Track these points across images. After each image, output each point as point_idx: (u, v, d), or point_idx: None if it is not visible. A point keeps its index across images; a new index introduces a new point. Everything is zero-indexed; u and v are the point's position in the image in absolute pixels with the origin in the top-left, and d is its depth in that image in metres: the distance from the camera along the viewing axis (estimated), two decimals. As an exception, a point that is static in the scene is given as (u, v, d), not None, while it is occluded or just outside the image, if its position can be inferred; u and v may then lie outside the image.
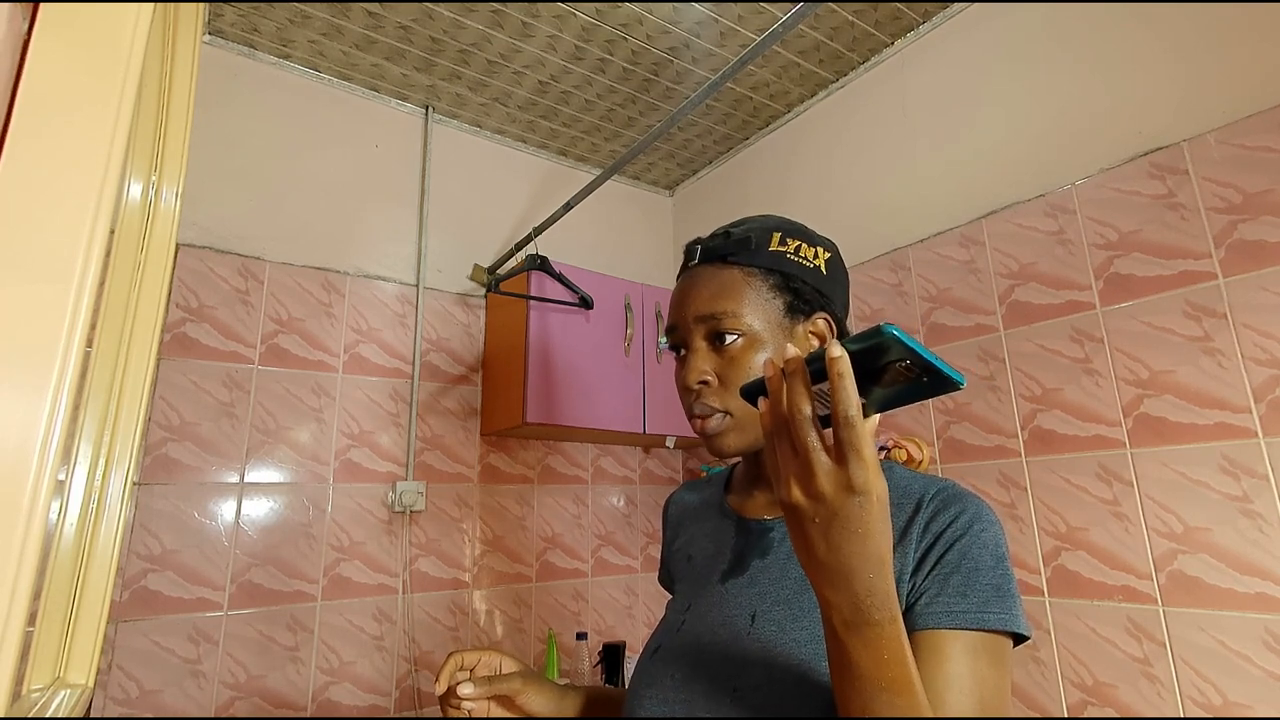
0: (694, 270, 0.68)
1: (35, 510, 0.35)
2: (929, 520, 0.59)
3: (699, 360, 0.64)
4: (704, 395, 0.64)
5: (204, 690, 1.53)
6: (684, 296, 0.67)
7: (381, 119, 2.09)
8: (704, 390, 0.64)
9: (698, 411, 0.64)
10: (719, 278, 0.65)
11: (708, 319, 0.64)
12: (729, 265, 0.66)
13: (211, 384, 1.67)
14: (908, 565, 0.57)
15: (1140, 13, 1.38)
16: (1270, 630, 1.10)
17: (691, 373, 0.64)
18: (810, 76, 2.04)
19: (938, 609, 0.54)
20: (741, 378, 0.62)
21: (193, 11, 1.12)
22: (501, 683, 0.69)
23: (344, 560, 1.76)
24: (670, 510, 0.86)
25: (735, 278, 0.65)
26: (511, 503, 2.08)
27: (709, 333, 0.65)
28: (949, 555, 0.56)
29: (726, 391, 0.63)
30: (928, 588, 0.56)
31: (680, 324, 0.67)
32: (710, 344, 0.65)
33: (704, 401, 0.64)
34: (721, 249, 0.66)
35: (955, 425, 1.59)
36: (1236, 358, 1.19)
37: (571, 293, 1.99)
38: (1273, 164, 1.18)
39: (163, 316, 1.13)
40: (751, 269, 0.65)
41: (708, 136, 2.37)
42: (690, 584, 0.72)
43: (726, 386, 0.63)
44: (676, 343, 0.68)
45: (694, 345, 0.65)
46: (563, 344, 1.95)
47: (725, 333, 0.63)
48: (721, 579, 0.68)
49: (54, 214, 0.39)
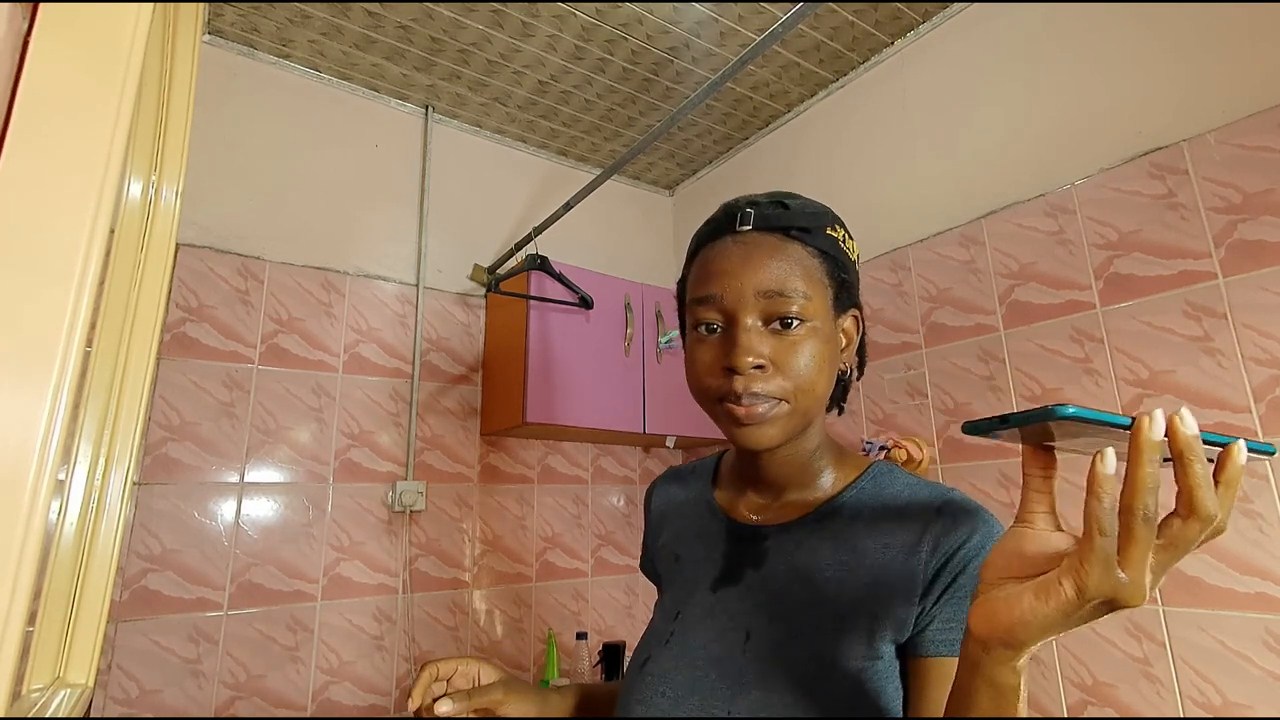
0: (748, 237, 0.59)
1: (35, 510, 0.35)
2: (939, 538, 0.56)
3: (755, 339, 0.56)
4: (756, 380, 0.56)
5: (204, 690, 1.53)
6: (741, 265, 0.58)
7: (381, 119, 2.09)
8: (757, 375, 0.56)
9: (745, 400, 0.56)
10: (785, 252, 0.58)
11: (774, 296, 0.56)
12: (792, 239, 0.59)
13: (211, 384, 1.67)
14: (917, 586, 0.55)
15: (1140, 13, 1.38)
16: (1270, 630, 1.10)
17: (746, 352, 0.55)
18: (810, 76, 2.04)
19: (950, 637, 0.52)
20: (801, 366, 0.56)
21: (193, 11, 1.12)
22: (481, 695, 0.64)
23: (344, 560, 1.76)
24: (654, 502, 0.81)
25: (800, 255, 0.58)
26: (511, 503, 2.08)
27: (768, 311, 0.57)
28: (961, 579, 0.54)
29: (782, 378, 0.56)
30: (939, 612, 0.53)
31: (729, 295, 0.57)
32: (765, 324, 0.57)
33: (757, 388, 0.56)
34: (784, 220, 0.59)
35: (955, 425, 1.59)
36: (1236, 358, 1.19)
37: (571, 293, 1.99)
38: (1273, 164, 1.18)
39: (163, 316, 1.13)
40: (813, 249, 0.59)
41: (708, 136, 2.37)
42: (679, 588, 0.68)
43: (784, 372, 0.56)
44: (713, 318, 0.59)
45: (745, 322, 0.57)
46: (563, 344, 1.95)
47: (788, 316, 0.56)
48: (712, 587, 0.64)
49: (54, 214, 0.39)
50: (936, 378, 1.65)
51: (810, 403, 0.58)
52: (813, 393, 0.57)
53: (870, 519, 0.60)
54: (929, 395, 1.65)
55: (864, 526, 0.59)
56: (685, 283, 0.65)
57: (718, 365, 0.58)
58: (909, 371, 1.71)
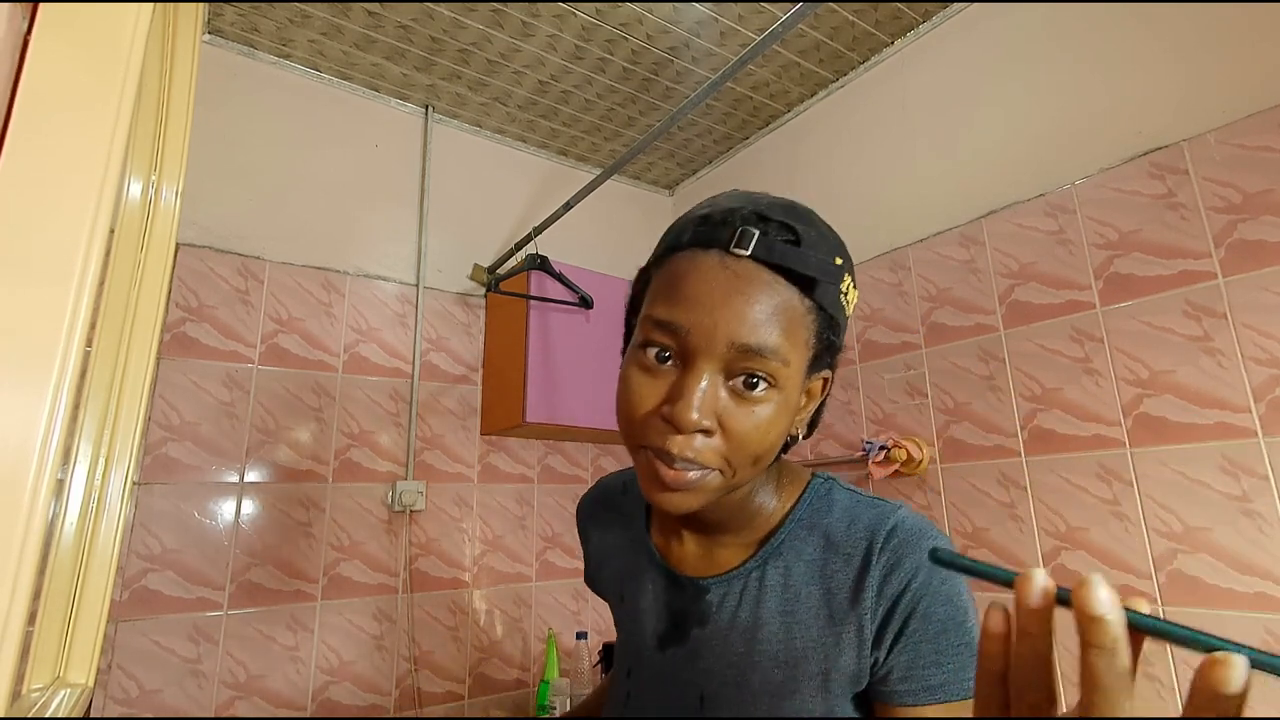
0: (742, 266, 0.48)
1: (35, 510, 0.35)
2: (882, 582, 0.51)
3: (709, 399, 0.47)
4: (694, 446, 0.47)
5: (204, 690, 1.53)
6: (721, 300, 0.47)
7: (381, 119, 2.09)
8: (698, 438, 0.48)
9: (678, 464, 0.47)
10: (779, 297, 0.48)
11: (748, 351, 0.47)
12: (791, 285, 0.48)
13: (211, 384, 1.67)
14: (867, 635, 0.51)
15: (1140, 13, 1.38)
16: (1270, 630, 1.10)
17: (695, 408, 0.46)
18: (810, 76, 2.04)
19: (914, 686, 0.50)
20: (751, 440, 0.48)
21: (193, 11, 1.12)
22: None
23: (344, 560, 1.76)
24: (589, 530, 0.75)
25: (796, 308, 0.48)
26: (511, 503, 2.08)
27: (734, 367, 0.48)
28: (911, 623, 0.50)
29: (725, 446, 0.48)
30: (895, 661, 0.50)
31: (697, 333, 0.47)
32: (725, 378, 0.48)
33: (693, 453, 0.47)
34: (792, 260, 0.48)
35: (955, 425, 1.59)
36: (1236, 357, 1.19)
37: (571, 292, 1.99)
38: (1273, 164, 1.18)
39: (163, 316, 1.13)
40: (812, 303, 0.49)
41: (708, 136, 2.37)
42: (628, 636, 0.66)
43: (731, 442, 0.48)
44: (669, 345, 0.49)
45: (702, 370, 0.47)
46: (563, 344, 1.95)
47: (759, 378, 0.48)
48: (660, 645, 0.61)
49: (54, 214, 0.39)
50: (936, 378, 1.65)
51: (747, 475, 0.50)
52: (755, 465, 0.50)
53: (811, 558, 0.55)
54: (929, 395, 1.65)
55: (805, 568, 0.55)
56: (648, 281, 0.54)
57: (656, 406, 0.49)
58: (909, 371, 1.71)
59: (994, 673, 0.29)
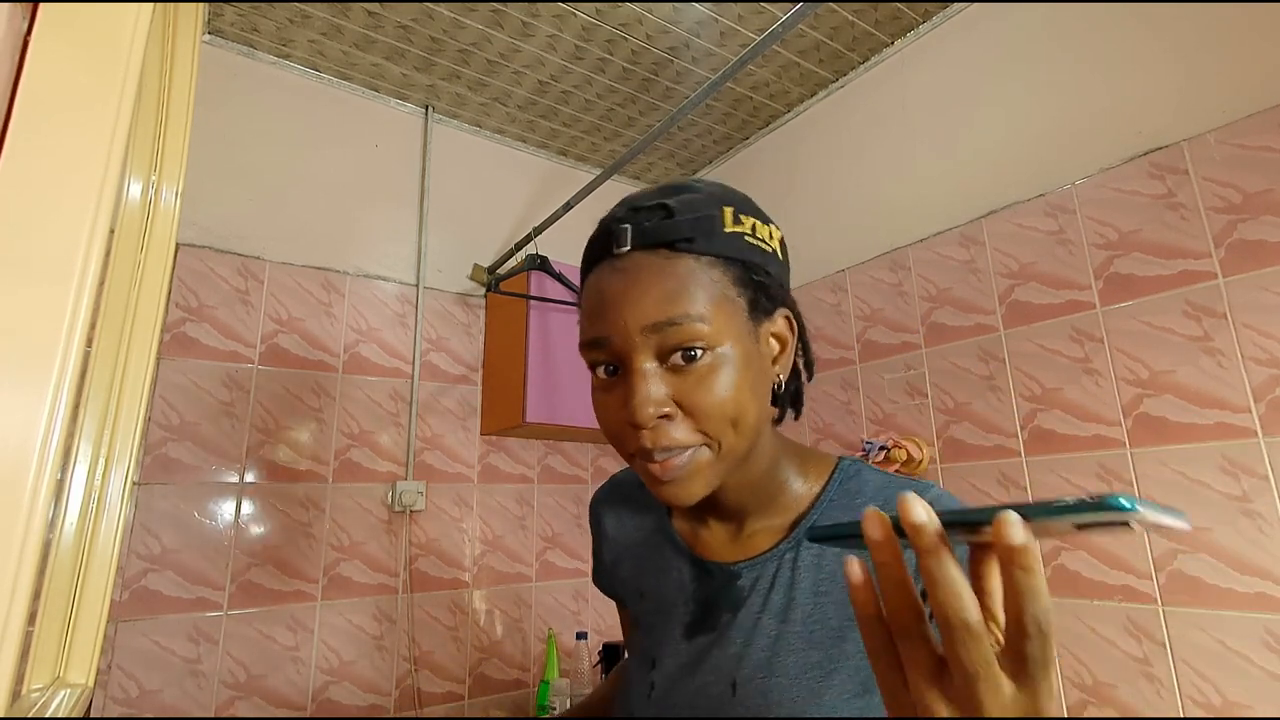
0: (627, 260, 0.51)
1: (35, 510, 0.35)
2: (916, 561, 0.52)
3: (651, 385, 0.48)
4: (664, 431, 0.49)
5: (204, 690, 1.52)
6: (621, 298, 0.50)
7: (381, 119, 2.09)
8: (663, 425, 0.49)
9: (659, 455, 0.49)
10: (669, 271, 0.49)
11: (661, 328, 0.48)
12: (678, 253, 0.50)
13: (211, 384, 1.67)
14: None
15: (1140, 12, 1.38)
16: (1270, 630, 1.10)
17: (645, 403, 0.48)
18: (810, 76, 2.04)
19: None
20: (714, 405, 0.49)
21: (193, 11, 1.12)
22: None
23: (344, 560, 1.76)
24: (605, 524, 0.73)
25: (692, 270, 0.49)
26: (511, 503, 2.08)
27: (662, 347, 0.49)
28: None
29: (695, 421, 0.49)
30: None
31: (615, 336, 0.50)
32: (661, 362, 0.50)
33: (667, 440, 0.49)
34: (667, 231, 0.50)
35: (955, 425, 1.59)
36: (1236, 358, 1.19)
37: (571, 292, 1.99)
38: (1273, 164, 1.18)
39: (163, 316, 1.13)
40: (709, 258, 0.50)
41: (707, 136, 2.37)
42: (649, 633, 0.63)
43: (695, 416, 0.49)
44: (605, 360, 0.52)
45: (637, 365, 0.49)
46: (563, 344, 1.95)
47: (687, 347, 0.48)
48: (686, 633, 0.59)
49: (54, 214, 0.39)
50: (936, 378, 1.65)
51: (736, 439, 0.50)
52: (737, 427, 0.50)
53: None
54: (929, 395, 1.65)
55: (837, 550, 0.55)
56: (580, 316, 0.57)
57: (621, 417, 0.50)
58: (909, 371, 1.71)
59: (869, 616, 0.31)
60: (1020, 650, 0.28)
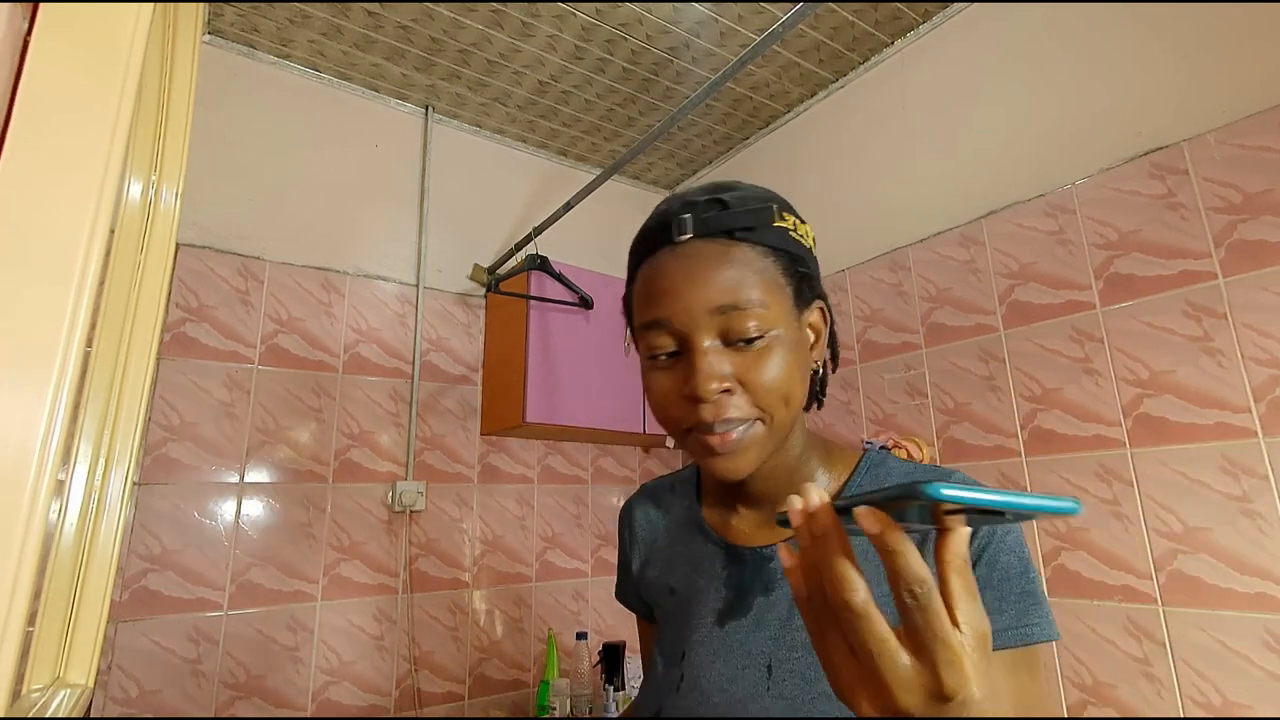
0: (689, 247, 0.54)
1: (35, 510, 0.35)
2: None
3: (715, 362, 0.51)
4: (725, 405, 0.52)
5: (204, 690, 1.52)
6: (686, 282, 0.53)
7: (381, 119, 2.09)
8: (724, 399, 0.52)
9: (719, 428, 0.52)
10: (734, 257, 0.53)
11: (726, 310, 0.51)
12: (737, 242, 0.54)
13: (211, 384, 1.67)
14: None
15: (1140, 12, 1.38)
16: (1270, 630, 1.10)
17: (709, 378, 0.51)
18: (810, 76, 2.04)
19: None
20: (770, 382, 0.52)
21: (193, 11, 1.12)
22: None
23: (344, 560, 1.76)
24: (637, 526, 0.74)
25: (750, 259, 0.53)
26: (511, 503, 2.08)
27: (725, 328, 0.52)
28: (978, 569, 0.51)
29: (755, 398, 0.52)
30: None
31: (679, 317, 0.53)
32: (723, 341, 0.53)
33: (727, 413, 0.52)
34: (726, 221, 0.54)
35: (955, 425, 1.59)
36: (1236, 358, 1.19)
37: (571, 293, 1.99)
38: (1273, 164, 1.18)
39: (163, 316, 1.13)
40: (763, 248, 0.54)
41: (708, 136, 2.37)
42: (678, 625, 0.62)
43: (755, 393, 0.52)
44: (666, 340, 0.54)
45: (700, 344, 0.52)
46: (563, 344, 1.95)
47: (748, 328, 0.51)
48: (719, 620, 0.58)
49: (54, 214, 0.39)
50: (936, 378, 1.65)
51: (785, 417, 0.54)
52: (787, 406, 0.53)
53: None
54: (929, 395, 1.65)
55: None
56: (630, 302, 0.60)
57: (680, 394, 0.53)
58: (909, 371, 1.71)
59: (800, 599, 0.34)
60: (909, 623, 0.30)
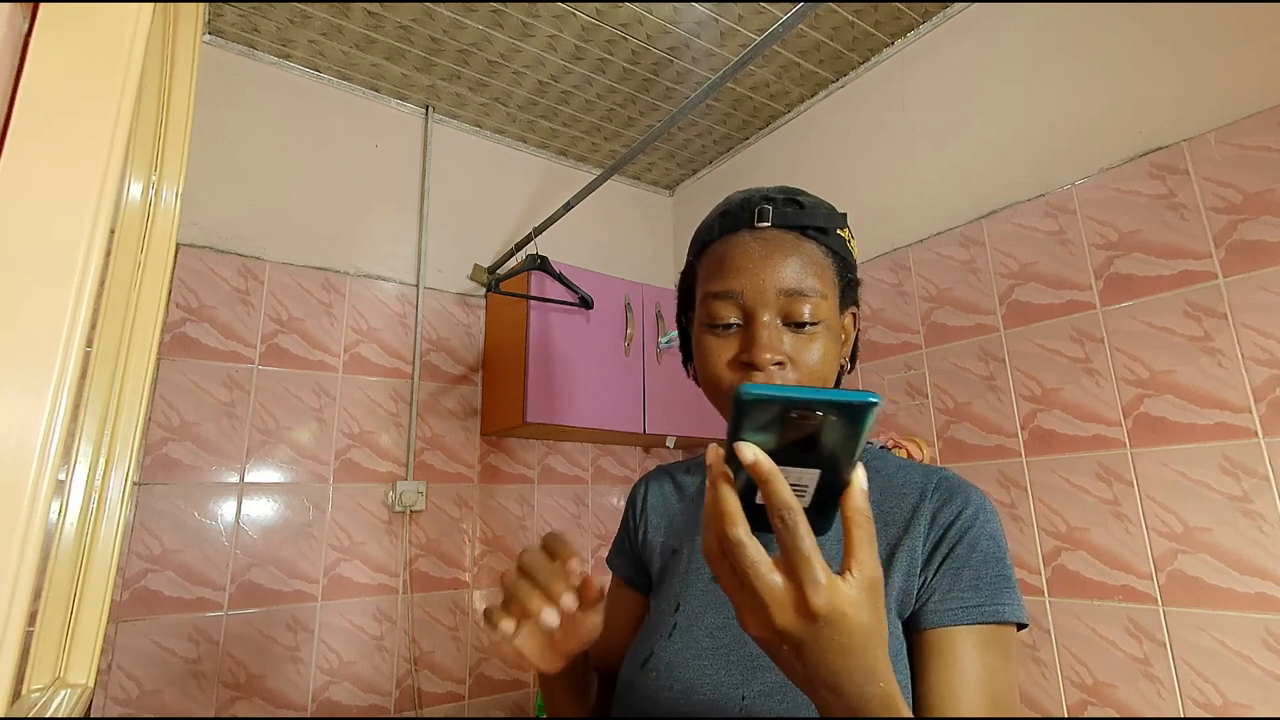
0: (768, 234, 0.60)
1: (35, 510, 0.35)
2: (935, 512, 0.58)
3: (775, 336, 0.57)
4: (775, 375, 0.57)
5: (204, 690, 1.52)
6: (764, 263, 0.58)
7: (381, 119, 2.09)
8: (775, 371, 0.57)
9: None
10: (804, 250, 0.59)
11: (794, 295, 0.57)
12: (809, 239, 0.60)
13: (211, 384, 1.67)
14: (917, 559, 0.56)
15: (1140, 12, 1.38)
16: (1270, 630, 1.10)
17: (767, 348, 0.56)
18: (810, 76, 2.04)
19: (951, 605, 0.54)
20: (815, 364, 0.57)
21: (193, 11, 1.12)
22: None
23: (344, 560, 1.76)
24: (648, 497, 0.78)
25: (818, 255, 0.60)
26: (511, 503, 2.08)
27: (786, 310, 0.57)
28: (958, 549, 0.56)
29: (800, 376, 0.57)
30: (939, 584, 0.55)
31: (750, 291, 0.58)
32: (784, 320, 0.58)
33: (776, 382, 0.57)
34: (803, 219, 0.60)
35: (955, 425, 1.59)
36: (1236, 358, 1.19)
37: (571, 293, 1.99)
38: (1273, 164, 1.18)
39: (163, 316, 1.13)
40: (827, 249, 0.61)
41: (708, 136, 2.37)
42: (677, 580, 0.66)
43: (801, 371, 0.57)
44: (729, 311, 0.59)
45: (765, 319, 0.57)
46: (563, 344, 1.95)
47: (809, 314, 0.57)
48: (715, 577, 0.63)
49: (54, 214, 0.39)
50: (936, 378, 1.65)
51: None
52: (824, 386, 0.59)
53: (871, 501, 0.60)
54: (929, 395, 1.65)
55: None
56: (693, 275, 0.66)
57: (734, 359, 0.59)
58: (909, 371, 1.71)
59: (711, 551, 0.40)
60: (780, 545, 0.36)
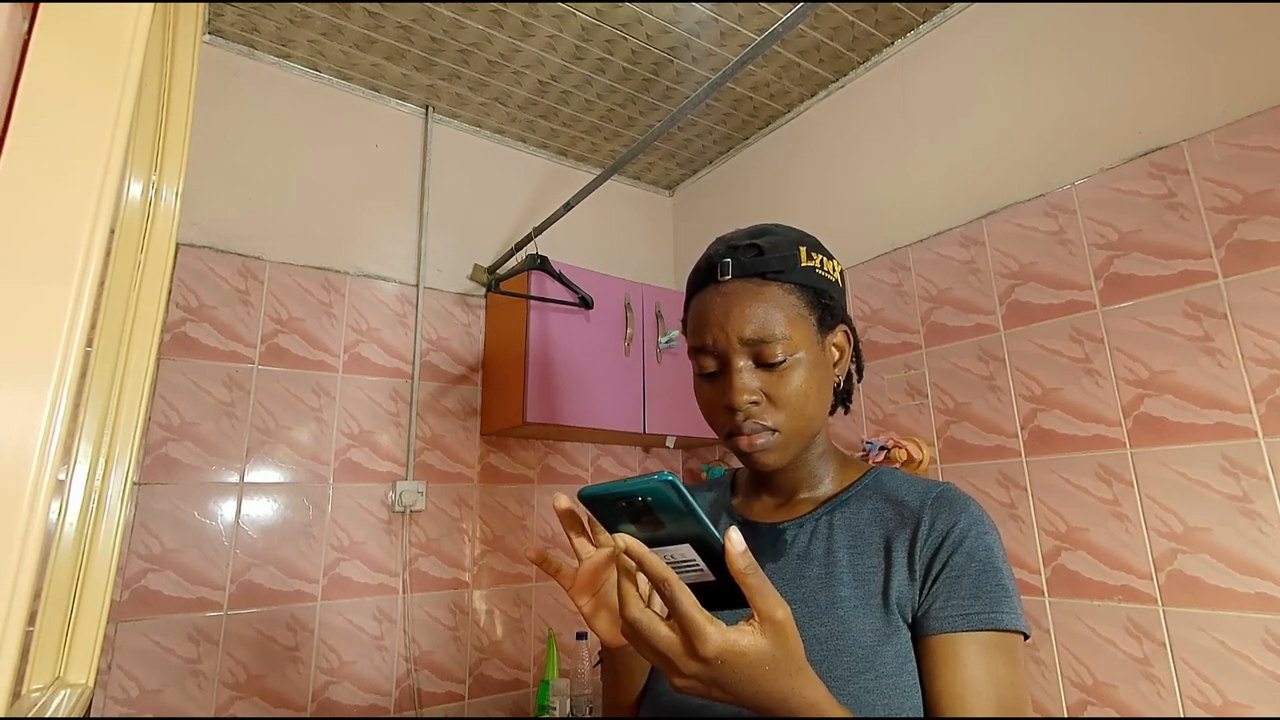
0: (728, 286, 0.66)
1: (35, 510, 0.35)
2: (932, 523, 0.61)
3: (746, 379, 0.63)
4: (754, 414, 0.64)
5: (204, 690, 1.52)
6: (725, 316, 0.64)
7: (381, 119, 2.09)
8: (754, 409, 0.64)
9: (747, 430, 0.64)
10: (762, 297, 0.64)
11: (757, 343, 0.63)
12: (768, 282, 0.65)
13: (211, 384, 1.67)
14: (917, 568, 0.60)
15: (1140, 12, 1.38)
16: (1270, 630, 1.10)
17: (741, 392, 0.63)
18: (810, 76, 2.04)
19: (951, 613, 0.57)
20: (790, 397, 0.63)
21: (193, 11, 1.12)
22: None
23: (344, 560, 1.76)
24: None
25: (778, 296, 0.64)
26: (511, 503, 2.08)
27: (755, 354, 0.64)
28: (956, 558, 0.59)
29: (776, 409, 0.64)
30: (939, 593, 0.58)
31: (719, 344, 0.65)
32: (755, 363, 0.64)
33: (755, 420, 0.64)
34: (759, 265, 0.65)
35: (955, 425, 1.59)
36: (1236, 358, 1.19)
37: (571, 293, 1.99)
38: (1273, 164, 1.18)
39: (163, 316, 1.13)
40: (790, 286, 0.65)
41: (708, 136, 2.37)
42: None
43: (776, 405, 0.64)
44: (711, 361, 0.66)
45: (737, 364, 0.64)
46: (563, 344, 1.95)
47: (776, 355, 0.63)
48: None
49: (54, 214, 0.39)
50: (936, 378, 1.65)
51: (803, 426, 0.65)
52: (804, 417, 0.64)
53: (873, 509, 0.67)
54: (929, 395, 1.65)
55: (868, 514, 0.66)
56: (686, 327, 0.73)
57: (721, 404, 0.65)
58: (909, 371, 1.71)
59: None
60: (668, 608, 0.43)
